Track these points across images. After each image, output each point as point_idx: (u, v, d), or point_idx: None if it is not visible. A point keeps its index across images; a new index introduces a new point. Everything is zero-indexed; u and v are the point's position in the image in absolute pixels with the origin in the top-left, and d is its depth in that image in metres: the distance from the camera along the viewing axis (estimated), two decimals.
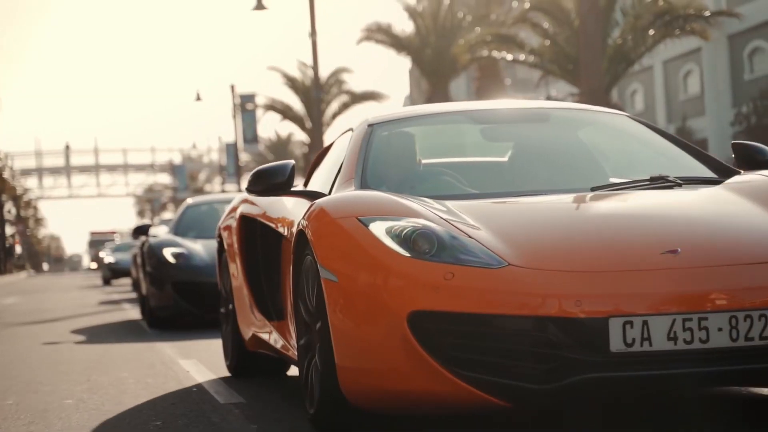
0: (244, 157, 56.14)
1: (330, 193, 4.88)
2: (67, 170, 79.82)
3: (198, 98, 50.37)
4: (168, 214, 77.09)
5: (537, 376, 3.63)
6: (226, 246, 6.38)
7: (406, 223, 3.92)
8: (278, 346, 5.40)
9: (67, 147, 78.24)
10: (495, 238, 3.89)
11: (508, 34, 24.71)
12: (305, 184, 5.93)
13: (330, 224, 4.15)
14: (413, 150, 5.18)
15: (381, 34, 35.19)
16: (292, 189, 5.05)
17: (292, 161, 5.09)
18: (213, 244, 10.86)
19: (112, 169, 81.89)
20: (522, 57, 24.54)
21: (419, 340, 3.70)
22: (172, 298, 11.11)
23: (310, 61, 26.26)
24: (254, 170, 5.07)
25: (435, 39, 35.23)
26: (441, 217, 4.02)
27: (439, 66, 35.30)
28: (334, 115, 42.48)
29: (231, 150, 56.40)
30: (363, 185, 4.74)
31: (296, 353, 4.67)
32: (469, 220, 4.05)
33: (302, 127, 43.08)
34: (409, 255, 3.80)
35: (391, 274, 3.79)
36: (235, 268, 6.07)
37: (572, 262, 3.75)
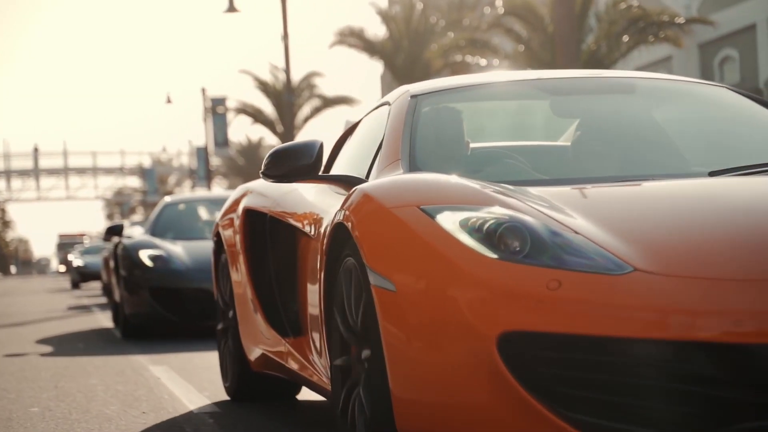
0: (214, 161, 55.82)
1: (368, 178, 3.98)
2: (35, 173, 79.12)
3: (168, 101, 50.05)
4: (137, 217, 76.55)
5: (677, 423, 2.70)
6: (225, 246, 5.34)
7: (486, 214, 2.98)
8: (294, 367, 4.45)
9: (36, 149, 77.48)
10: (610, 234, 2.95)
11: (482, 38, 24.65)
12: (328, 165, 5.01)
13: (383, 215, 3.20)
14: (462, 129, 4.20)
15: (354, 38, 35.06)
16: (322, 174, 4.15)
17: (320, 140, 4.12)
18: (195, 246, 10.57)
19: (81, 171, 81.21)
20: (496, 62, 24.49)
21: (512, 370, 2.78)
22: (148, 304, 10.29)
23: (282, 65, 26.10)
24: (272, 150, 4.18)
25: (408, 44, 35.16)
26: (535, 208, 3.07)
27: (412, 71, 35.17)
28: (306, 119, 42.42)
29: (201, 154, 56.10)
30: (413, 167, 3.78)
31: (322, 374, 3.92)
32: (571, 212, 3.08)
33: (273, 130, 42.92)
34: (495, 256, 2.88)
35: (471, 282, 2.86)
36: (238, 273, 5.08)
37: (726, 267, 2.81)
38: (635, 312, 2.73)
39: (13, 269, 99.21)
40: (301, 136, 41.01)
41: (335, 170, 4.90)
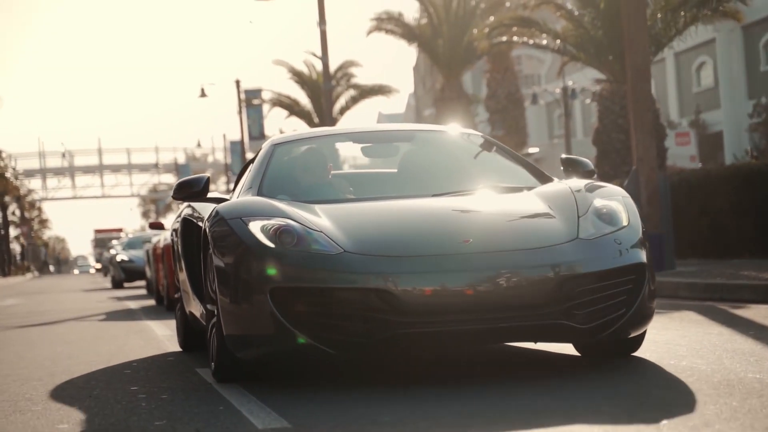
0: (249, 155, 54.85)
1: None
2: (70, 171, 78.69)
3: (203, 94, 49.13)
4: (172, 216, 75.84)
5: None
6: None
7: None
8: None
9: (64, 152, 76.83)
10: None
11: (529, 17, 23.48)
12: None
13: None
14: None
15: (391, 23, 33.96)
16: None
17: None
18: (347, 212, 9.17)
19: (115, 169, 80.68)
20: (545, 41, 23.32)
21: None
22: (269, 318, 5.10)
23: (317, 53, 25.03)
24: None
25: (447, 29, 33.95)
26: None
27: (453, 57, 34.07)
28: (342, 110, 41.13)
29: (236, 148, 55.27)
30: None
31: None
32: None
33: (309, 122, 41.75)
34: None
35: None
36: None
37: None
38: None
39: (51, 268, 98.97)
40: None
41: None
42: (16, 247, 75.73)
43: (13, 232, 69.49)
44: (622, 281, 5.26)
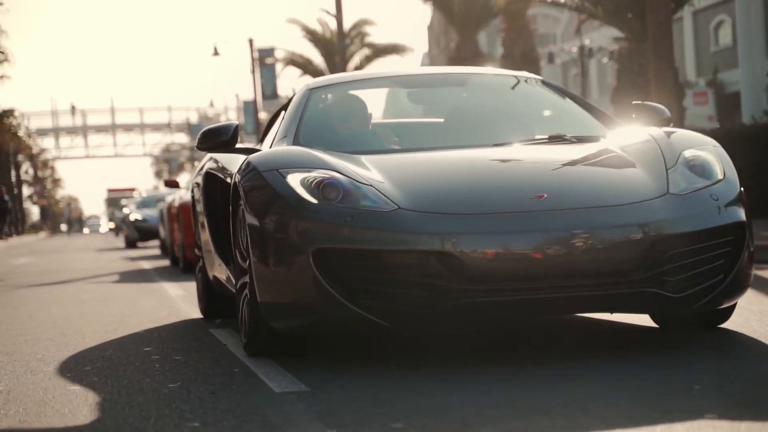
0: (263, 115, 54.60)
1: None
2: (83, 130, 78.58)
3: (216, 53, 48.82)
4: (186, 175, 75.82)
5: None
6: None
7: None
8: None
9: (72, 108, 76.64)
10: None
11: None
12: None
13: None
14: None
15: None
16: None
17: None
18: (398, 164, 8.47)
19: (128, 128, 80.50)
20: (561, 0, 22.99)
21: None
22: (312, 283, 4.46)
23: (331, 11, 24.77)
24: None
25: None
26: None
27: (468, 15, 33.70)
28: (356, 69, 40.83)
29: (249, 107, 55.06)
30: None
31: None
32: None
33: None
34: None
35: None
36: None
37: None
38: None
39: (63, 227, 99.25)
40: None
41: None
42: (30, 207, 75.86)
43: (26, 191, 69.48)
44: (720, 243, 4.59)
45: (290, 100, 6.05)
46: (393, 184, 4.61)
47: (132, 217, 26.86)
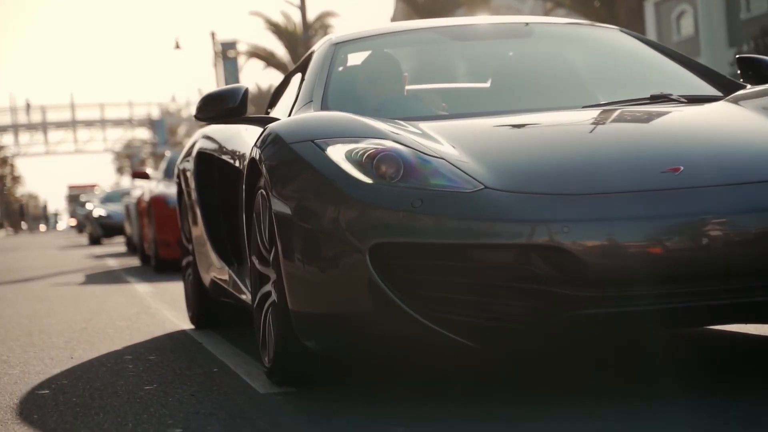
0: None
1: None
2: (43, 126, 77.58)
3: (177, 46, 48.32)
4: (148, 170, 75.26)
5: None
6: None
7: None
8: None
9: (27, 106, 75.60)
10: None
11: None
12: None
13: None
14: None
15: None
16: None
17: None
18: (472, 131, 6.69)
19: (89, 124, 79.55)
20: None
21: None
22: (368, 288, 3.37)
23: (294, 2, 24.47)
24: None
25: None
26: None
27: (433, 6, 33.53)
28: None
29: None
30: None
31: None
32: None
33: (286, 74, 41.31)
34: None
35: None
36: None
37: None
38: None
39: (23, 225, 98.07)
40: None
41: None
42: None
43: None
44: None
45: (307, 58, 4.95)
46: (471, 156, 3.44)
47: (96, 213, 26.16)
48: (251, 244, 4.03)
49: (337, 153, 3.45)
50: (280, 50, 41.77)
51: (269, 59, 41.83)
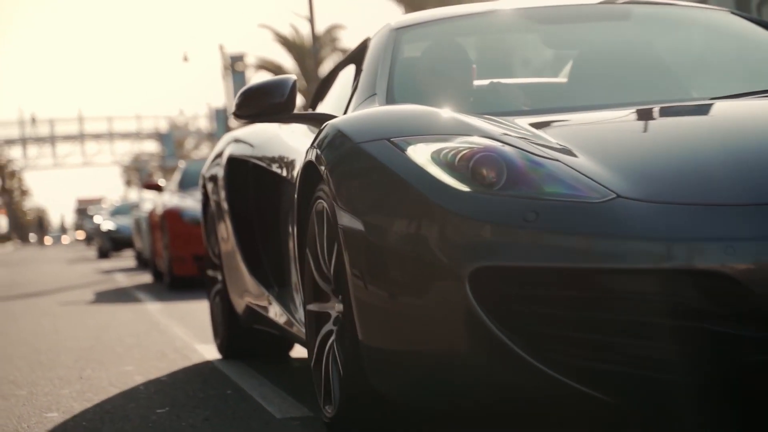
0: (234, 122, 54.05)
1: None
2: (51, 139, 77.67)
3: (185, 59, 48.34)
4: (161, 182, 75.11)
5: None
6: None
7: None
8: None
9: (33, 119, 75.65)
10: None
11: None
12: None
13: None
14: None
15: None
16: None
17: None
18: (590, 134, 4.76)
19: (97, 137, 79.70)
20: None
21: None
22: (465, 321, 2.75)
23: (303, 14, 24.38)
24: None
25: None
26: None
27: None
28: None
29: (221, 115, 54.43)
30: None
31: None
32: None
33: None
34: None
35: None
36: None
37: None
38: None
39: (32, 237, 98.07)
40: None
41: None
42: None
43: None
44: None
45: (361, 47, 4.26)
46: (592, 158, 2.77)
47: (105, 227, 25.99)
48: (302, 266, 3.42)
49: (420, 154, 2.78)
50: (289, 63, 41.66)
51: (277, 72, 41.72)
